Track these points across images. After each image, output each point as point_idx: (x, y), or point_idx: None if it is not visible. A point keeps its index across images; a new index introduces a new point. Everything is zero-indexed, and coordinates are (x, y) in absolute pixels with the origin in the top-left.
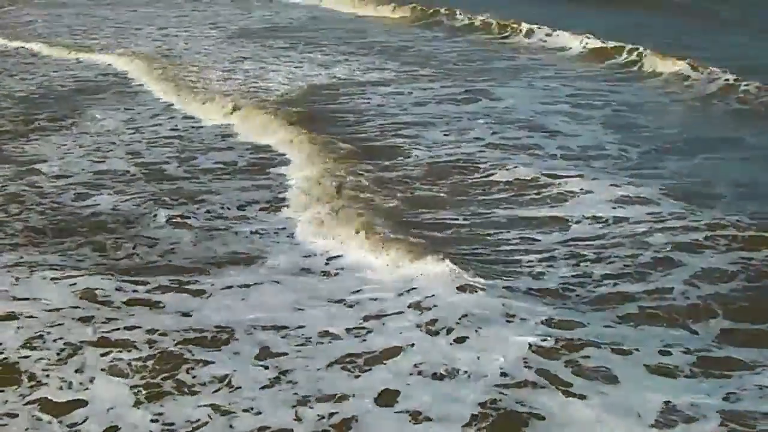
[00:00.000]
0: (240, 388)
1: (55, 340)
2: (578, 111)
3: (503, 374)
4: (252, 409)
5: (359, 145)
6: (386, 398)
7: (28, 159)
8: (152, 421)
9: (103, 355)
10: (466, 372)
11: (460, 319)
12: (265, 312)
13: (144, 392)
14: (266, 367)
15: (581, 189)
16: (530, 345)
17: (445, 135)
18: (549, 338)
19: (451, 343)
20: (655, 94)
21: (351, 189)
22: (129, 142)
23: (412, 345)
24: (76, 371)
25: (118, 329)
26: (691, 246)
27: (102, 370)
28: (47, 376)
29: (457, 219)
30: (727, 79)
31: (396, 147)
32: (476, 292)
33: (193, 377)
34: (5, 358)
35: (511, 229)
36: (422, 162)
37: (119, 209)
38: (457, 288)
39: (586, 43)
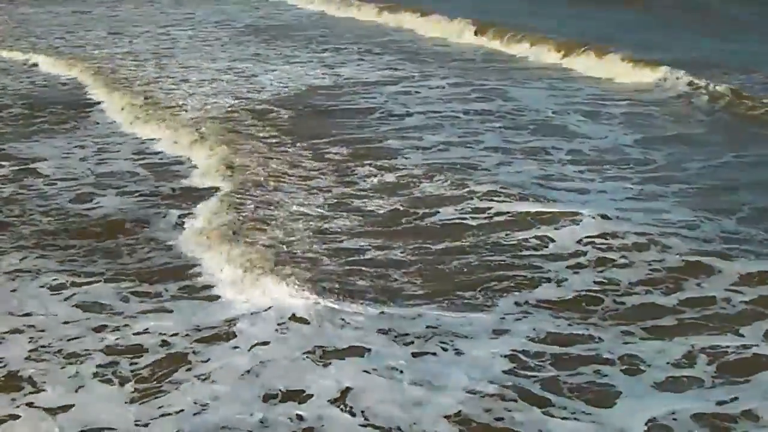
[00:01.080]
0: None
1: (59, 351)
2: (591, 116)
3: (472, 391)
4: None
5: (358, 146)
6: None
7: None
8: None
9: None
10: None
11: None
12: None
13: (134, 392)
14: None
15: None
16: (510, 361)
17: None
18: (532, 354)
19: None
20: (668, 101)
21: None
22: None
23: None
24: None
25: (126, 335)
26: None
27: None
28: (45, 382)
29: (465, 218)
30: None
31: (395, 149)
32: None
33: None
34: (10, 370)
35: (523, 232)
36: (422, 164)
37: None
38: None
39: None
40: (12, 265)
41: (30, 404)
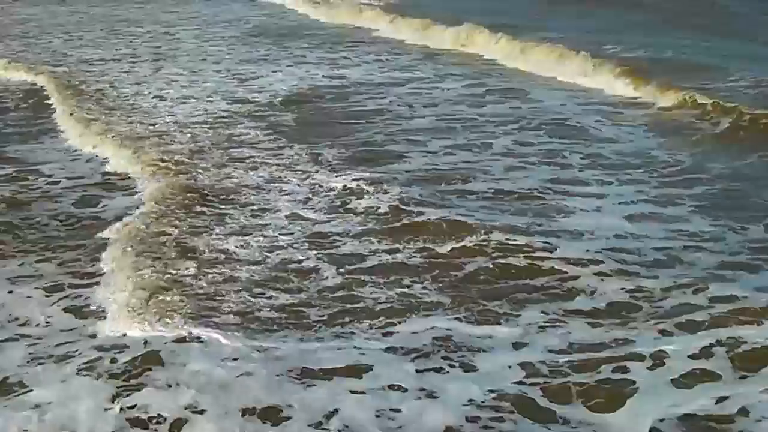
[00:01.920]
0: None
1: (51, 355)
2: (609, 119)
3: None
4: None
5: (359, 149)
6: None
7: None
8: None
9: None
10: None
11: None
12: None
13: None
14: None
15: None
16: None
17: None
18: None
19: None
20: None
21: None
22: None
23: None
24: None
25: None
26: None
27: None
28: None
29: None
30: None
31: (397, 153)
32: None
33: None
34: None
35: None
36: (423, 169)
37: None
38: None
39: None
40: (12, 271)
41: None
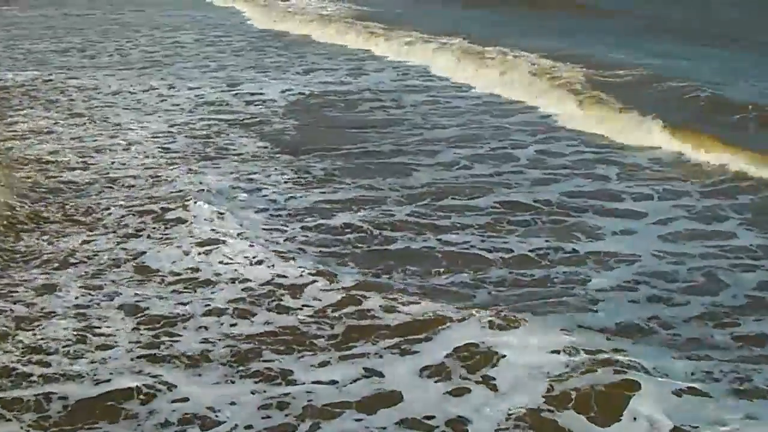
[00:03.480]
0: None
1: None
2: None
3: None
4: None
5: (361, 160)
6: None
7: None
8: None
9: None
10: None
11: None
12: None
13: None
14: None
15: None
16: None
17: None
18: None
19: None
20: None
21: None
22: None
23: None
24: None
25: None
26: None
27: None
28: None
29: (486, 253)
30: None
31: (403, 164)
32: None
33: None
34: None
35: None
36: (430, 182)
37: None
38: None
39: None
40: None
41: None
